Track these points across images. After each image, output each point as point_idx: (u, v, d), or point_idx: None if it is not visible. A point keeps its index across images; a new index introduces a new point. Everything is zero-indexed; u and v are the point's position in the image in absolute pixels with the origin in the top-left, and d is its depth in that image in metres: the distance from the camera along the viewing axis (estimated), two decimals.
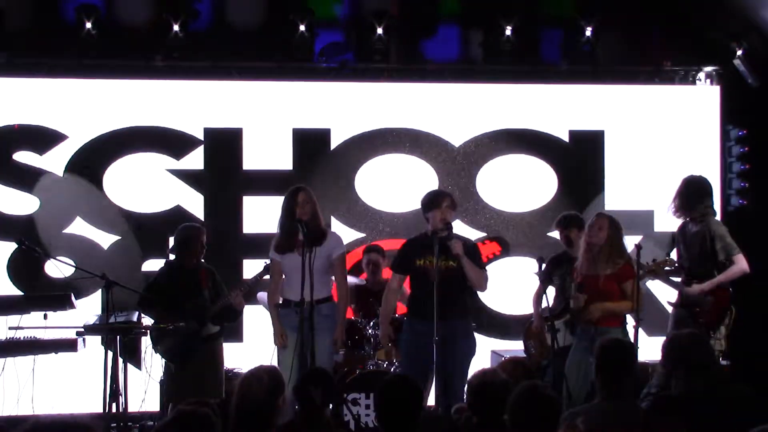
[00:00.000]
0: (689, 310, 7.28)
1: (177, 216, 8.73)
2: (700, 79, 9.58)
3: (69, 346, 7.12)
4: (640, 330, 6.95)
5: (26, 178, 8.67)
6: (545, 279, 7.37)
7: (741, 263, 7.22)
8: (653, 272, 7.16)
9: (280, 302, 7.04)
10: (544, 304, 7.25)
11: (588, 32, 9.22)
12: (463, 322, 6.90)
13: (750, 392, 4.88)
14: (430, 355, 6.58)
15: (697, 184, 7.47)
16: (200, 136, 8.95)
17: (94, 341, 7.65)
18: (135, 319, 7.46)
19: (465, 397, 4.87)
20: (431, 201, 6.93)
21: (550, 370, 7.23)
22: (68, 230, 8.71)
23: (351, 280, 7.90)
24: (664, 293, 7.80)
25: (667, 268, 7.18)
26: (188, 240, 7.47)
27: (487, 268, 9.05)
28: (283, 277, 7.02)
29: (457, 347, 6.75)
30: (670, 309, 7.59)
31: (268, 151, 9.02)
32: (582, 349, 6.79)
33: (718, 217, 7.75)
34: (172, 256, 7.68)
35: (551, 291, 7.60)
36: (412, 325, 6.95)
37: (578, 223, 7.61)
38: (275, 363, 6.94)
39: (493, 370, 5.21)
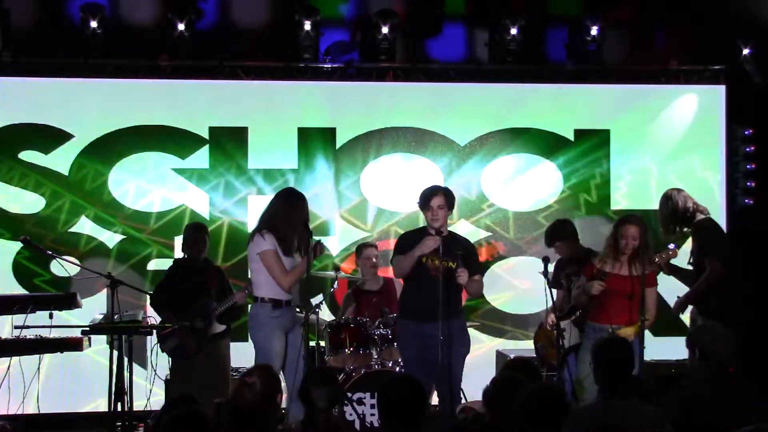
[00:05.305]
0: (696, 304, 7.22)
1: (183, 215, 8.76)
2: (705, 78, 9.56)
3: (74, 345, 7.12)
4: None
5: (32, 177, 8.69)
6: (552, 282, 7.29)
7: (711, 268, 7.00)
8: (660, 268, 7.07)
9: (272, 300, 6.79)
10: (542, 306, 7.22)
11: (594, 32, 9.19)
12: (459, 321, 6.88)
13: (752, 392, 4.86)
14: (434, 356, 6.57)
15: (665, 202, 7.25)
16: (206, 135, 8.96)
17: (100, 340, 7.66)
18: (140, 318, 7.47)
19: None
20: (423, 200, 6.89)
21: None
22: (74, 229, 8.75)
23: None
24: (670, 292, 7.76)
25: (666, 258, 7.01)
26: (188, 238, 7.57)
27: (492, 267, 9.19)
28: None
29: (455, 346, 6.74)
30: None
31: (273, 150, 9.03)
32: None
33: (723, 217, 7.64)
34: (181, 254, 7.71)
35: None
36: (408, 326, 6.85)
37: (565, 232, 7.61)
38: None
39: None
